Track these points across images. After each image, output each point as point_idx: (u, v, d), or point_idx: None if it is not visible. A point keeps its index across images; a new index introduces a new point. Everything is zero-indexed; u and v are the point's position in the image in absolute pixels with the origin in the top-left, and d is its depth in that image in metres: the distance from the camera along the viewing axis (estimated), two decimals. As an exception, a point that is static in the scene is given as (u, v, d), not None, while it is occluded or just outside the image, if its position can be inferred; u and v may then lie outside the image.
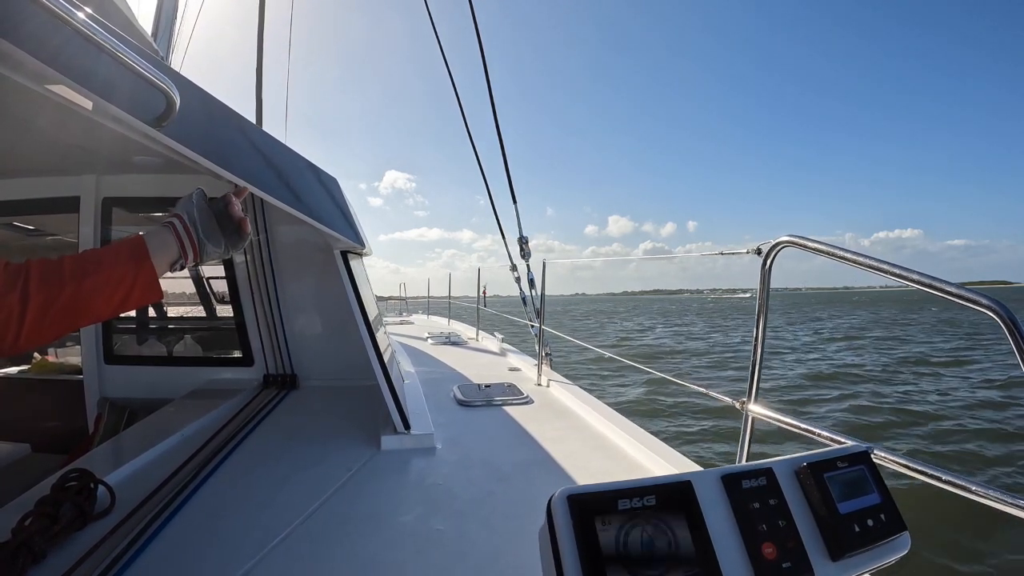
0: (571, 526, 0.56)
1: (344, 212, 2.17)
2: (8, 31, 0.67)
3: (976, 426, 8.01)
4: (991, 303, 0.89)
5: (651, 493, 0.60)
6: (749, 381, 1.46)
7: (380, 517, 1.50)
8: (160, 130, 0.94)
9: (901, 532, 0.71)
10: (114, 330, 3.09)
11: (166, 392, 2.86)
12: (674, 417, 8.72)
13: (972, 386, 11.16)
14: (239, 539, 1.35)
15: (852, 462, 0.75)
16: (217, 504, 1.57)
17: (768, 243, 1.41)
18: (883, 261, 1.10)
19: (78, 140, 2.30)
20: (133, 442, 2.09)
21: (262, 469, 1.86)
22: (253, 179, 1.37)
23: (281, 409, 2.64)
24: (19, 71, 0.79)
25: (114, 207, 2.94)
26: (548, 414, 2.61)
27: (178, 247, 0.99)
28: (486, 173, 4.28)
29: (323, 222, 1.88)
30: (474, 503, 1.59)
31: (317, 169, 1.93)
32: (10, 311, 0.76)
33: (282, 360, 3.09)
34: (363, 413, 2.52)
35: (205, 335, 3.49)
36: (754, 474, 0.69)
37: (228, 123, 1.30)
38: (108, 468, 1.75)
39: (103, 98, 0.83)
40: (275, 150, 1.58)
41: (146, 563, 1.24)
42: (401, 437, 2.08)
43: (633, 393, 10.64)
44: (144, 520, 1.42)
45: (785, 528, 0.66)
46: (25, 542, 1.18)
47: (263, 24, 4.27)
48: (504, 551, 1.31)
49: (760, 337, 1.45)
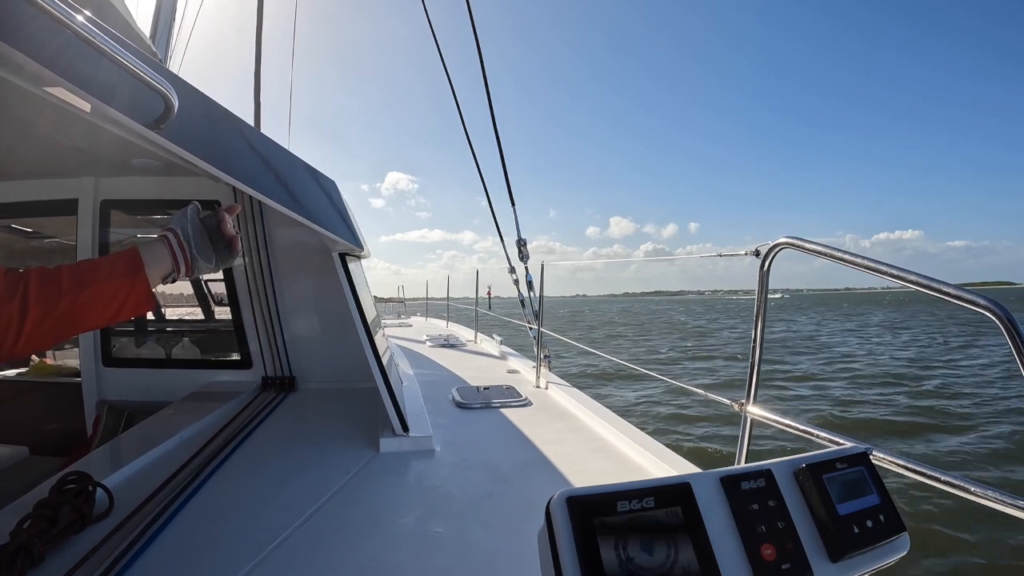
0: (570, 528, 0.56)
1: (342, 214, 2.17)
2: (6, 33, 0.67)
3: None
4: (989, 303, 0.89)
5: (650, 495, 0.60)
6: (748, 382, 1.46)
7: (379, 519, 1.49)
8: (158, 132, 0.94)
9: (900, 533, 0.71)
10: (112, 332, 3.09)
11: (164, 395, 2.85)
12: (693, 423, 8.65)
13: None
14: (238, 542, 1.35)
15: (851, 463, 0.75)
16: (216, 507, 1.57)
17: (766, 244, 1.41)
18: (881, 262, 1.11)
19: (76, 142, 2.30)
20: (132, 445, 2.09)
21: (261, 471, 1.86)
22: (251, 181, 1.37)
23: (280, 411, 2.64)
24: (17, 73, 0.79)
25: (112, 209, 2.94)
26: (547, 416, 2.61)
27: (172, 261, 1.02)
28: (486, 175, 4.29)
29: (321, 224, 1.88)
30: (473, 505, 1.59)
31: (315, 171, 1.94)
32: (9, 319, 0.79)
33: (280, 362, 3.08)
34: (362, 415, 2.51)
35: (203, 338, 3.48)
36: (753, 475, 0.69)
37: (226, 125, 1.30)
38: (107, 471, 1.75)
39: (101, 100, 0.83)
40: (273, 152, 1.58)
41: (145, 566, 1.24)
42: (400, 439, 2.08)
43: (647, 395, 10.57)
44: (143, 523, 1.41)
45: (784, 529, 0.66)
46: (24, 545, 1.18)
47: (261, 26, 4.27)
48: (503, 553, 1.31)
49: (759, 338, 1.45)
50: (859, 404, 9.79)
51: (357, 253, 2.54)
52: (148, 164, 2.64)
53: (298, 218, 1.69)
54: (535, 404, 2.82)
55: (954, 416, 8.72)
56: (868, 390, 11.14)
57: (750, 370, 1.47)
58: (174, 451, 2.00)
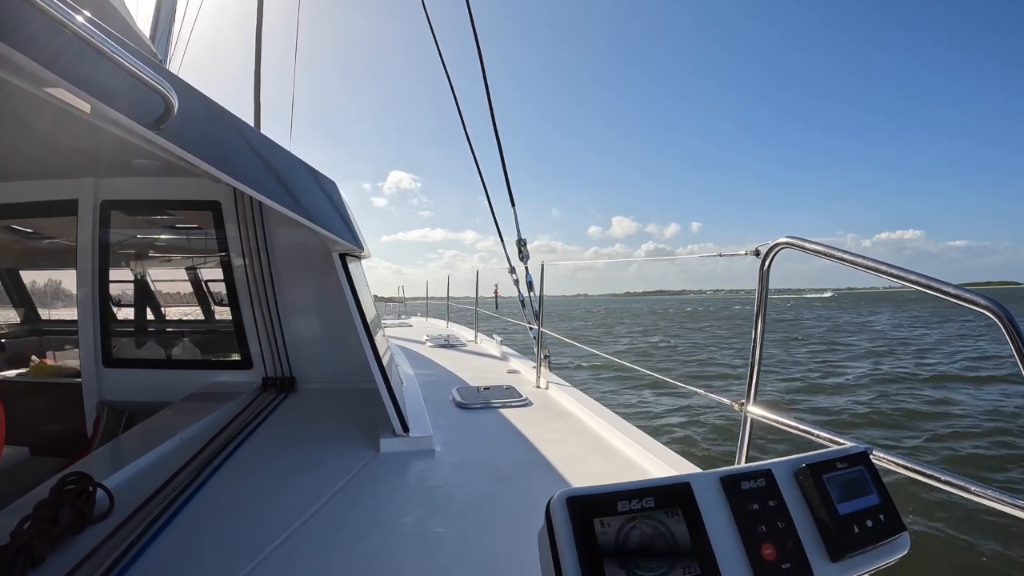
0: (570, 528, 0.56)
1: (342, 215, 2.17)
2: (6, 33, 0.67)
3: None
4: (989, 303, 0.89)
5: (650, 495, 0.60)
6: (748, 382, 1.46)
7: (379, 519, 1.49)
8: (158, 133, 0.94)
9: (900, 533, 0.71)
10: (113, 333, 3.09)
11: (165, 395, 2.85)
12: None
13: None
14: (238, 542, 1.35)
15: (851, 463, 0.75)
16: (216, 507, 1.57)
17: (766, 244, 1.40)
18: (880, 262, 1.10)
19: (77, 143, 2.30)
20: (132, 445, 2.09)
21: (261, 472, 1.85)
22: (251, 182, 1.37)
23: (280, 412, 2.64)
24: (17, 74, 0.79)
25: (113, 210, 2.94)
26: (547, 416, 2.61)
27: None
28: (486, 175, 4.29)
29: (321, 225, 1.88)
30: (473, 505, 1.59)
31: (315, 172, 1.94)
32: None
33: (281, 363, 3.08)
34: (362, 416, 2.51)
35: (204, 338, 3.48)
36: (753, 475, 0.69)
37: (226, 126, 1.30)
38: (107, 471, 1.75)
39: (101, 101, 0.83)
40: (273, 153, 1.58)
41: (145, 566, 1.24)
42: (400, 439, 2.08)
43: (637, 396, 10.50)
44: (143, 523, 1.41)
45: (784, 529, 0.66)
46: (24, 545, 1.18)
47: (261, 25, 4.26)
48: (503, 553, 1.31)
49: (759, 338, 1.45)
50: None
51: (357, 253, 2.54)
52: (148, 165, 2.64)
53: (298, 218, 1.69)
54: (535, 404, 2.82)
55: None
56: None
57: (750, 370, 1.46)
58: (174, 452, 2.00)
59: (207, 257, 3.30)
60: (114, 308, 3.12)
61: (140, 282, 3.29)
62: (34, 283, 4.28)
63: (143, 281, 3.30)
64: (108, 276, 3.01)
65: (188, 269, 3.43)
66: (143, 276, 3.29)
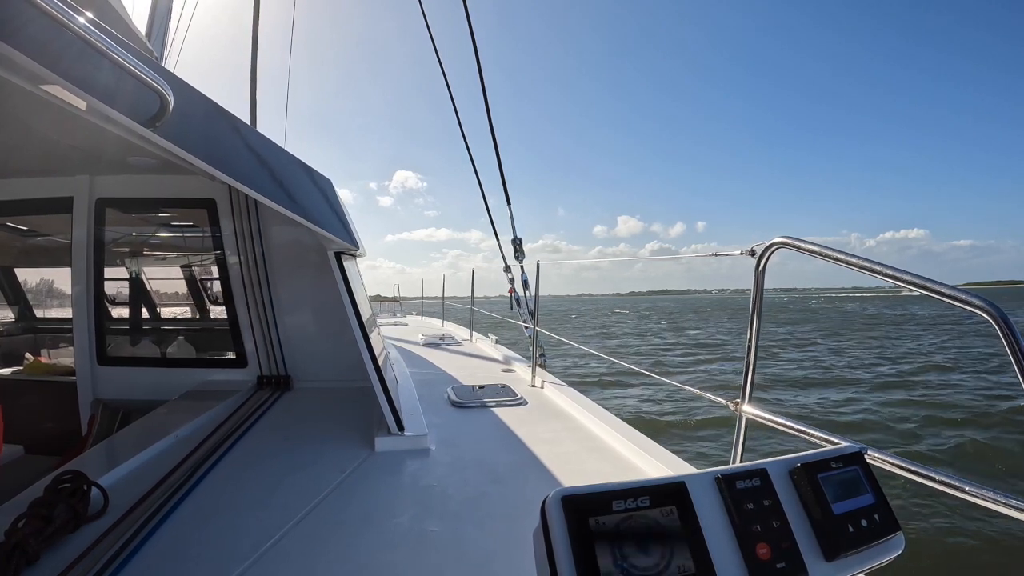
0: (565, 527, 0.56)
1: (338, 213, 2.17)
2: (4, 32, 0.67)
3: None
4: (984, 304, 0.89)
5: (645, 494, 0.61)
6: (743, 382, 1.46)
7: (374, 518, 1.49)
8: (154, 130, 0.94)
9: (895, 532, 0.72)
10: (107, 331, 3.07)
11: (160, 394, 2.84)
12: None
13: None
14: (233, 541, 1.35)
15: (846, 463, 0.75)
16: (211, 506, 1.56)
17: (762, 244, 1.40)
18: (876, 262, 1.10)
19: (72, 140, 2.29)
20: (127, 444, 2.08)
21: (256, 471, 1.85)
22: (247, 180, 1.36)
23: (275, 411, 2.63)
24: (14, 71, 0.78)
25: (108, 208, 2.93)
26: (542, 415, 2.61)
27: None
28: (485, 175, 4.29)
29: (317, 223, 1.88)
30: (468, 504, 1.59)
31: (311, 170, 1.93)
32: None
33: (276, 361, 3.08)
34: (357, 414, 2.51)
35: (198, 336, 3.47)
36: (748, 475, 0.69)
37: (222, 123, 1.30)
38: (102, 470, 1.74)
39: (97, 98, 0.83)
40: (269, 151, 1.58)
41: (140, 565, 1.23)
42: (395, 438, 2.07)
43: (635, 396, 10.48)
44: (138, 522, 1.41)
45: (779, 529, 0.66)
46: (19, 544, 1.17)
47: (257, 23, 4.25)
48: (498, 552, 1.31)
49: (754, 338, 1.45)
50: None
51: (353, 252, 2.53)
52: (144, 162, 2.63)
53: (294, 217, 1.69)
54: (530, 403, 2.82)
55: None
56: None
57: (745, 369, 1.47)
58: (169, 450, 1.99)
59: (202, 255, 3.29)
60: (109, 306, 3.11)
61: (135, 280, 3.27)
62: (26, 281, 4.27)
63: (138, 279, 3.29)
64: (103, 274, 3.00)
65: (183, 267, 3.42)
66: (138, 274, 3.28)
